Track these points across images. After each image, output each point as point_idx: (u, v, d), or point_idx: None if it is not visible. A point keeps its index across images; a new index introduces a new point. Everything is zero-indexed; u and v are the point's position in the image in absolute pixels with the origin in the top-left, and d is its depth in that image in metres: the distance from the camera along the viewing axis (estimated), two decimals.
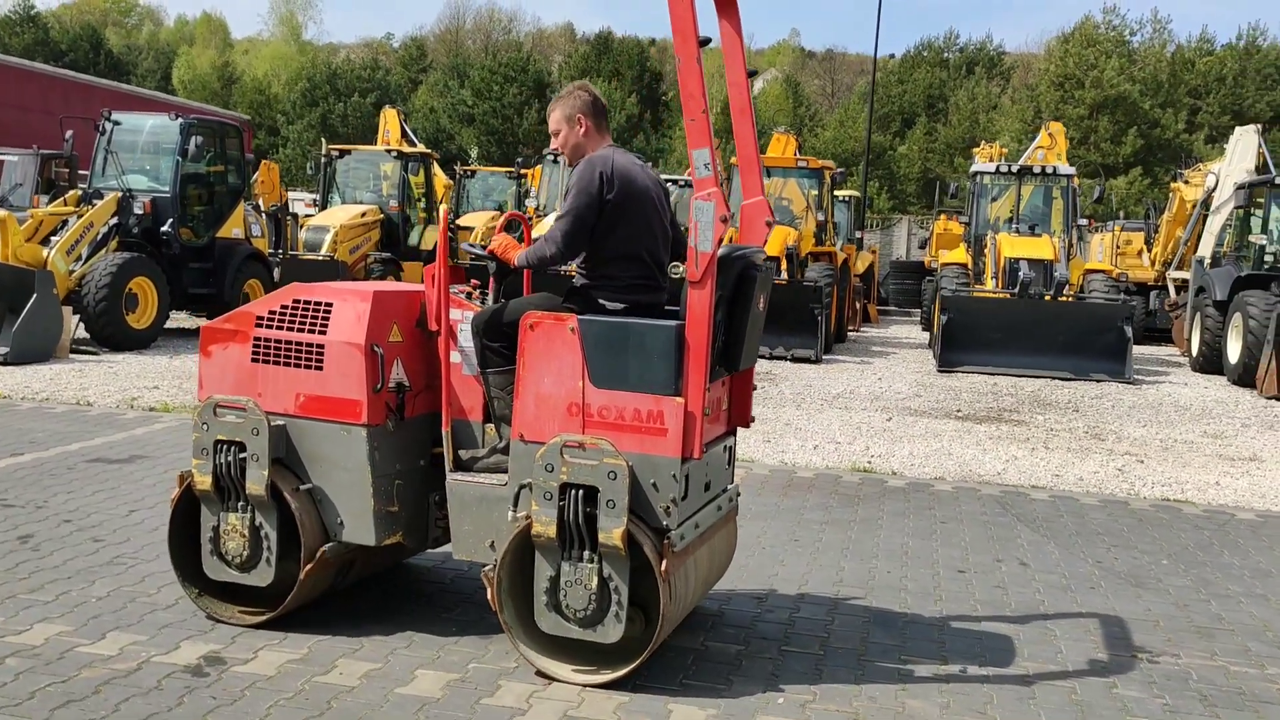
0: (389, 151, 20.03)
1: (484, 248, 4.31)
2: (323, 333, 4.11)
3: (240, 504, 4.18)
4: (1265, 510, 7.16)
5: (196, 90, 56.98)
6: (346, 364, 4.07)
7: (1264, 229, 15.78)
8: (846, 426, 9.68)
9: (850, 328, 19.68)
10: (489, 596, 3.98)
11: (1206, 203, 18.44)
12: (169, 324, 14.10)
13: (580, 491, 3.76)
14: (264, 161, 26.74)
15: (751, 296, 4.02)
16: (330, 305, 4.14)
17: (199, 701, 3.59)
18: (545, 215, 17.73)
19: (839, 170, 18.87)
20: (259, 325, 4.21)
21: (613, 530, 3.73)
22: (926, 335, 19.35)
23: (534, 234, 4.84)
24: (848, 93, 63.57)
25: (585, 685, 3.83)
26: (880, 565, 5.48)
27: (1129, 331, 14.28)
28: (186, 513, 4.32)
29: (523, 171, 23.72)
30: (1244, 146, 18.03)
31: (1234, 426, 10.77)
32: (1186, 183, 20.57)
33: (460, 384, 4.23)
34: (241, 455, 4.12)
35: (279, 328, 4.18)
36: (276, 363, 4.17)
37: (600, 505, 3.74)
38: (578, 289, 4.17)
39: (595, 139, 4.21)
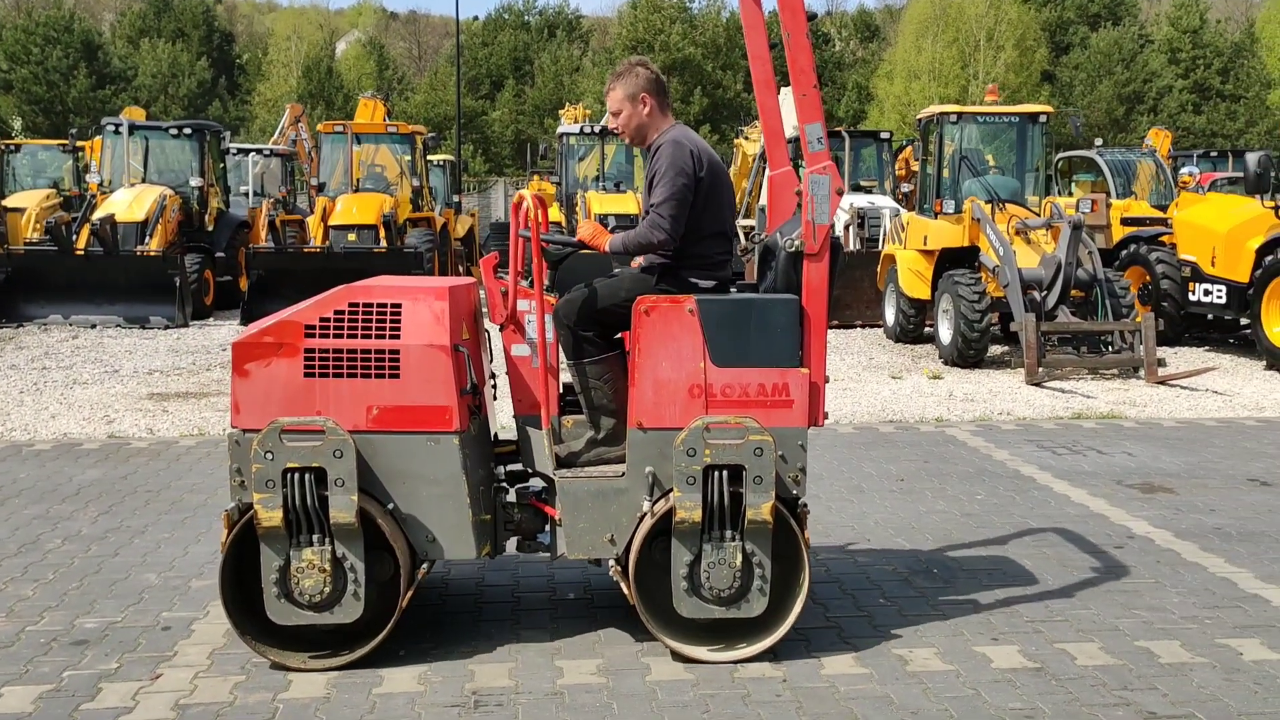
0: None
1: (568, 238, 4.11)
2: (395, 337, 3.76)
3: (316, 536, 3.69)
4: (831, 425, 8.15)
5: None
6: (430, 368, 3.75)
7: None
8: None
9: None
10: (626, 591, 3.87)
11: (764, 156, 20.43)
12: None
13: (724, 472, 3.72)
14: None
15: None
16: (399, 306, 3.79)
17: None
18: (110, 192, 16.11)
19: (431, 135, 18.84)
20: (310, 335, 3.75)
21: (761, 505, 3.73)
22: None
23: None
24: (435, 55, 63.33)
25: (728, 662, 3.83)
26: None
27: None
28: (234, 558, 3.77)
29: (79, 144, 21.44)
30: (789, 105, 20.13)
31: None
32: (747, 138, 22.64)
33: (532, 378, 3.99)
34: (319, 481, 3.65)
35: (338, 335, 3.75)
36: (339, 375, 3.74)
37: (746, 482, 3.73)
38: (665, 269, 4.04)
39: (659, 118, 4.10)
